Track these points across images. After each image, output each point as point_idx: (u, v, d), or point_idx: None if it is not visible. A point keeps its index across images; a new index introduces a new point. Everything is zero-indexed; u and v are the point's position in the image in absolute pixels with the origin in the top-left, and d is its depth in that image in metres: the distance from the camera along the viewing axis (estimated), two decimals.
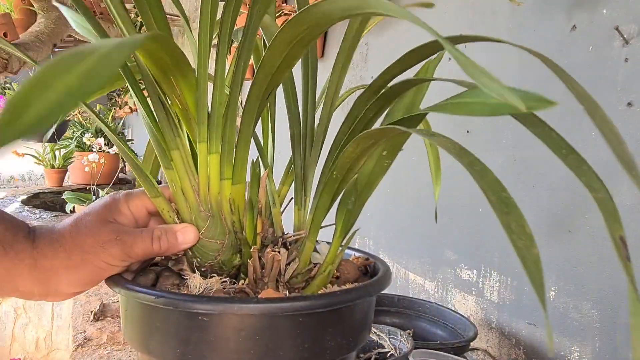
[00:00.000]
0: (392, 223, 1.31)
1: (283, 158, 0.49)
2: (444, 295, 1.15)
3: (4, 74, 1.45)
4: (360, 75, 1.46)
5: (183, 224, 0.41)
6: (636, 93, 0.74)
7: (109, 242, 0.38)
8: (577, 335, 0.83)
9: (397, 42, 1.31)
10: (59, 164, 3.31)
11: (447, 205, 1.13)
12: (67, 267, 0.38)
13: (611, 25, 0.77)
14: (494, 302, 1.00)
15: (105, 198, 0.42)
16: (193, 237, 0.41)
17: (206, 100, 0.39)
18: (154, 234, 0.40)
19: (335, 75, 0.42)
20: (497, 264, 0.99)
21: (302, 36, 0.31)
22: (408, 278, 1.27)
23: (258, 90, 0.36)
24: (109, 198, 0.42)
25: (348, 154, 0.36)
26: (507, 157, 0.96)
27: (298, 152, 0.46)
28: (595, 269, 0.80)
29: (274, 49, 0.32)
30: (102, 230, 0.39)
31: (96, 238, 0.39)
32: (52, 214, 2.36)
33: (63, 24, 1.71)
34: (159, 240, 0.39)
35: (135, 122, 4.96)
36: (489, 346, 1.02)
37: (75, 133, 3.29)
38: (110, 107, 3.83)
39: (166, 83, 0.37)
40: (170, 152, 0.41)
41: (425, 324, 0.99)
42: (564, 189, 0.85)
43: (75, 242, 0.39)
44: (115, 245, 0.38)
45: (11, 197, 2.83)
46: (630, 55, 0.74)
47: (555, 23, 0.86)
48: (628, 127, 0.74)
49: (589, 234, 0.81)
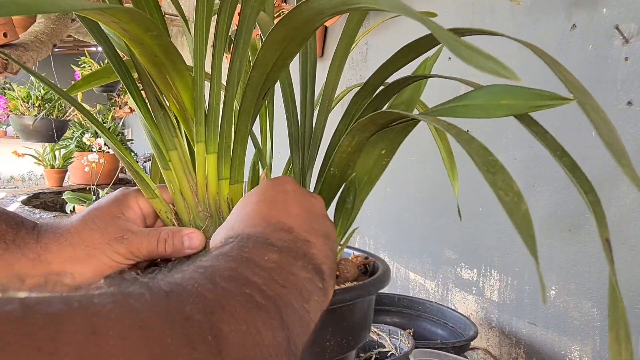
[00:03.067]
0: (392, 222, 1.31)
1: (283, 158, 0.49)
2: (444, 295, 1.14)
3: (4, 74, 1.45)
4: (360, 74, 1.46)
5: (191, 229, 0.41)
6: (636, 92, 0.74)
7: (116, 240, 0.38)
8: (578, 334, 0.83)
9: (397, 42, 1.30)
10: (58, 164, 3.30)
11: (448, 205, 1.13)
12: (72, 261, 0.38)
13: (611, 24, 0.76)
14: (494, 302, 1.00)
15: (115, 193, 0.42)
16: (199, 243, 0.40)
17: (203, 99, 0.38)
18: (161, 236, 0.39)
19: (332, 74, 0.42)
20: (497, 263, 0.99)
21: (295, 34, 0.31)
22: (408, 277, 1.27)
23: (253, 89, 0.36)
24: (119, 193, 0.42)
25: (344, 149, 0.35)
26: (508, 156, 0.96)
27: (296, 151, 0.46)
28: (595, 268, 0.80)
29: (267, 47, 0.32)
30: (110, 227, 0.39)
31: (103, 234, 0.39)
32: (52, 214, 2.36)
33: (63, 24, 1.71)
34: (164, 242, 0.39)
35: (135, 122, 4.96)
36: (489, 345, 1.01)
37: (75, 133, 3.29)
38: (110, 107, 3.83)
39: (162, 82, 0.36)
40: (169, 152, 0.41)
41: (426, 324, 0.99)
42: (564, 188, 0.84)
43: (82, 237, 0.39)
44: (121, 243, 0.38)
45: (11, 197, 2.83)
46: (630, 54, 0.74)
47: (555, 22, 0.86)
48: (628, 126, 0.74)
49: (589, 233, 0.81)
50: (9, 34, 1.40)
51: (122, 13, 0.29)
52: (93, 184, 2.94)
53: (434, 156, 1.16)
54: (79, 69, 3.16)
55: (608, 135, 0.21)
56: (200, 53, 0.37)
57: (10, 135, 5.13)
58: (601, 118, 0.21)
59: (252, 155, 0.54)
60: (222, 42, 0.36)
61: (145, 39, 0.32)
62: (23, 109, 2.85)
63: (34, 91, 2.90)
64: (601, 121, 0.21)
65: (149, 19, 0.31)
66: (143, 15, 0.30)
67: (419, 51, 0.34)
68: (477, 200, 1.03)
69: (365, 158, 0.39)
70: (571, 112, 0.81)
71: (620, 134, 0.21)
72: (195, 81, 0.37)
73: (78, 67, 3.17)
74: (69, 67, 3.20)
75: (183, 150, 0.41)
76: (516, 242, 0.95)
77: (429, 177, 1.19)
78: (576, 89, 0.23)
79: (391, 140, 0.37)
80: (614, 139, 0.21)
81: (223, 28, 0.36)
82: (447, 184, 1.11)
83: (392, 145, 0.38)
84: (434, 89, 0.76)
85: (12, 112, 2.85)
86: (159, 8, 0.37)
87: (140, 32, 0.31)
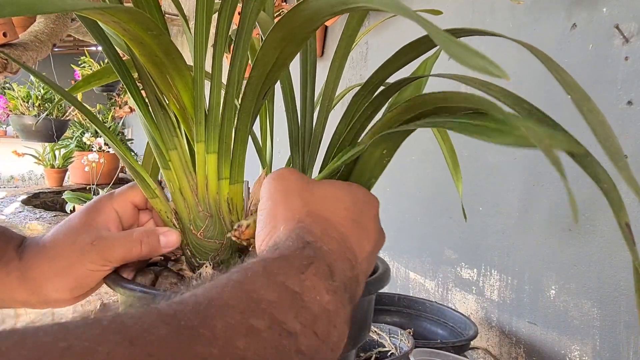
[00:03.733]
0: (392, 222, 1.31)
1: (283, 157, 0.49)
2: (444, 294, 1.14)
3: (4, 74, 1.45)
4: (360, 74, 1.46)
5: (166, 227, 0.41)
6: (636, 91, 0.74)
7: (86, 248, 0.38)
8: (578, 333, 0.83)
9: (397, 41, 1.30)
10: (59, 164, 3.31)
11: (448, 205, 1.13)
12: (53, 276, 0.38)
13: (611, 23, 0.76)
14: (494, 301, 1.00)
15: (88, 202, 0.42)
16: (175, 240, 0.40)
17: (203, 99, 0.38)
18: (135, 237, 0.39)
19: (332, 73, 0.42)
20: (497, 263, 0.99)
21: (294, 34, 0.31)
22: (408, 277, 1.27)
23: (253, 89, 0.36)
24: (92, 201, 0.42)
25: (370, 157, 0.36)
26: (508, 155, 0.96)
27: (297, 150, 0.46)
28: (595, 268, 0.80)
29: (267, 47, 0.32)
30: (80, 237, 0.39)
31: (74, 245, 0.38)
32: (52, 213, 2.36)
33: (63, 23, 1.71)
34: (139, 243, 0.39)
35: (135, 121, 4.96)
36: (489, 345, 1.02)
37: (75, 133, 3.29)
38: (110, 107, 3.83)
39: (162, 81, 0.36)
40: (169, 152, 0.41)
41: (426, 323, 0.99)
42: (564, 187, 0.84)
43: (57, 250, 0.39)
44: (92, 250, 0.38)
45: (11, 197, 2.83)
46: (630, 54, 0.74)
47: (555, 22, 0.86)
48: (628, 125, 0.74)
49: (589, 233, 0.81)
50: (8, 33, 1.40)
51: (122, 12, 0.29)
52: (93, 184, 2.95)
53: (433, 156, 1.16)
54: (78, 68, 3.16)
55: (605, 138, 0.21)
56: (200, 52, 0.37)
57: (10, 134, 5.13)
58: (598, 121, 0.22)
59: (252, 155, 0.54)
60: (223, 42, 0.36)
61: (146, 39, 0.32)
62: (23, 109, 2.86)
63: (34, 91, 2.91)
64: (598, 123, 0.21)
65: (149, 19, 0.31)
66: (143, 15, 0.30)
67: (420, 50, 0.34)
68: (477, 199, 1.03)
69: (367, 158, 0.39)
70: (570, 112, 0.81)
71: (621, 134, 0.21)
72: (195, 81, 0.37)
73: (78, 66, 3.17)
74: (69, 67, 3.21)
75: (183, 150, 0.41)
76: (516, 242, 0.95)
77: (429, 177, 1.19)
78: (573, 90, 0.23)
79: (392, 141, 0.37)
80: (611, 141, 0.21)
81: (224, 27, 0.36)
82: (447, 183, 1.11)
83: (393, 145, 0.38)
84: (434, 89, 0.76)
85: (12, 112, 2.85)
86: (159, 7, 0.37)
87: (140, 31, 0.31)
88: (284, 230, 0.30)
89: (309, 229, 0.29)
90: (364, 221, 0.33)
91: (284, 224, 0.30)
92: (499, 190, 0.98)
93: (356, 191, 0.35)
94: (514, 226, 0.95)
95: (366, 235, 0.33)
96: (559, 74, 0.23)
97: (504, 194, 0.97)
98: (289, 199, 0.32)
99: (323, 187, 0.34)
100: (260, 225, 0.32)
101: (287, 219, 0.31)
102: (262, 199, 0.34)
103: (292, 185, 0.33)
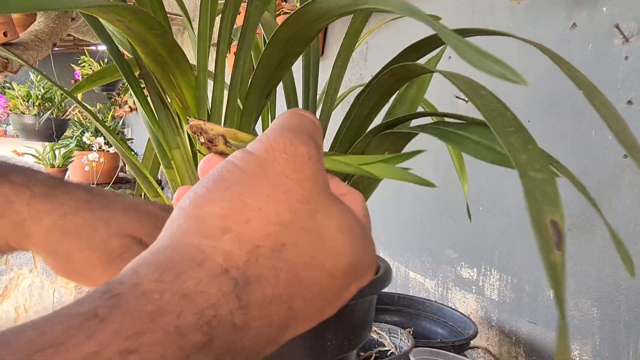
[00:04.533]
0: (392, 221, 1.31)
1: None
2: (444, 294, 1.15)
3: (4, 73, 1.45)
4: (360, 73, 1.46)
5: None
6: (636, 91, 0.74)
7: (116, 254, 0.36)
8: (577, 333, 0.83)
9: (397, 41, 1.31)
10: (58, 163, 3.30)
11: (448, 204, 1.13)
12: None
13: (611, 23, 0.76)
14: (494, 300, 1.00)
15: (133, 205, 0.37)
16: None
17: (206, 98, 0.39)
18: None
19: (334, 74, 0.42)
20: (497, 262, 0.99)
21: (300, 34, 0.31)
22: (408, 276, 1.27)
23: (257, 89, 0.36)
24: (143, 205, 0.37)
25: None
26: None
27: None
28: (595, 267, 0.80)
29: (271, 47, 0.32)
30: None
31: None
32: None
33: (63, 23, 1.71)
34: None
35: (135, 121, 4.96)
36: (489, 344, 1.02)
37: (75, 132, 3.29)
38: (110, 107, 3.83)
39: (165, 80, 0.37)
40: (171, 151, 0.41)
41: (426, 323, 0.99)
42: (563, 186, 0.84)
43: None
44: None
45: None
46: (630, 53, 0.74)
47: (555, 21, 0.86)
48: (628, 125, 0.74)
49: (589, 232, 0.81)
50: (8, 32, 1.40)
51: (126, 11, 0.29)
52: (93, 183, 2.95)
53: (434, 155, 1.16)
54: (78, 67, 3.16)
55: (620, 130, 0.21)
56: (203, 52, 0.37)
57: (10, 134, 5.12)
58: (612, 114, 0.21)
59: None
60: (226, 42, 0.36)
61: (149, 38, 0.32)
62: (23, 108, 2.85)
63: (34, 90, 2.90)
64: (612, 117, 0.21)
65: (152, 18, 0.31)
66: (147, 14, 0.30)
67: (423, 51, 0.34)
68: (478, 199, 1.03)
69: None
70: (571, 112, 0.81)
71: None
72: (198, 80, 0.37)
73: (78, 65, 3.17)
74: (69, 66, 3.21)
75: (185, 149, 0.41)
76: (516, 241, 0.95)
77: (429, 176, 1.18)
78: (584, 85, 0.23)
79: (394, 142, 0.37)
80: (627, 134, 0.21)
81: (227, 27, 0.36)
82: (447, 183, 1.11)
83: (395, 147, 0.38)
84: (437, 87, 0.76)
85: (12, 111, 2.84)
86: (163, 7, 0.37)
87: (143, 30, 0.31)
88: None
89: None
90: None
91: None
92: (499, 190, 0.98)
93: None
94: (514, 226, 0.95)
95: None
96: (569, 70, 0.23)
97: (504, 194, 0.97)
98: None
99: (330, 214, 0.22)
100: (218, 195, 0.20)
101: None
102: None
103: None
